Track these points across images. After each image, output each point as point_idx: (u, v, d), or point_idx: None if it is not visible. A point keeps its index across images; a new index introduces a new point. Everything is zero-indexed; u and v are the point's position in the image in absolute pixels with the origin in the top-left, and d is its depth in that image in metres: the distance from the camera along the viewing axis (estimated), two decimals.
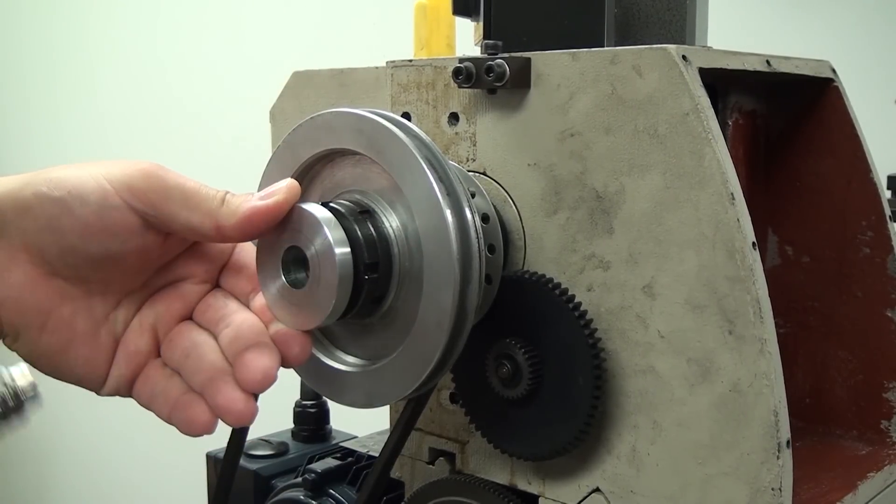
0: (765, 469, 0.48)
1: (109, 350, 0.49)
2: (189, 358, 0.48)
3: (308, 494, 0.74)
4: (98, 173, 0.46)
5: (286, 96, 0.69)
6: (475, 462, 0.61)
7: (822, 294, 0.67)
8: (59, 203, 0.45)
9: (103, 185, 0.45)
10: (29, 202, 0.45)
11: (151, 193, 0.46)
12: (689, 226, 0.50)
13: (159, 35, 2.04)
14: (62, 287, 0.47)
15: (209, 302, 0.50)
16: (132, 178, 0.46)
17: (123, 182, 0.46)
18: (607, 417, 0.54)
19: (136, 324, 0.49)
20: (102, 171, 0.46)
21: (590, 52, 0.53)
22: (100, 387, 0.49)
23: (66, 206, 0.45)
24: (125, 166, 0.46)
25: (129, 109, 2.11)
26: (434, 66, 0.60)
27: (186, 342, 0.48)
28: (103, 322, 0.48)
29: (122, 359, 0.49)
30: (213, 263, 0.50)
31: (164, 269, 0.50)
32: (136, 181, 0.46)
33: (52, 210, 0.45)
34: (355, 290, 0.47)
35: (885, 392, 0.65)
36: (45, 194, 0.45)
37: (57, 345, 0.47)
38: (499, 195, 0.58)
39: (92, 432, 2.27)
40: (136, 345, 0.49)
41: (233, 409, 0.46)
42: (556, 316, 0.53)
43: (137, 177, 0.46)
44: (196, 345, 0.48)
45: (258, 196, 0.47)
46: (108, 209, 0.45)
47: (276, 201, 0.47)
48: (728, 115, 0.66)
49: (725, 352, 0.49)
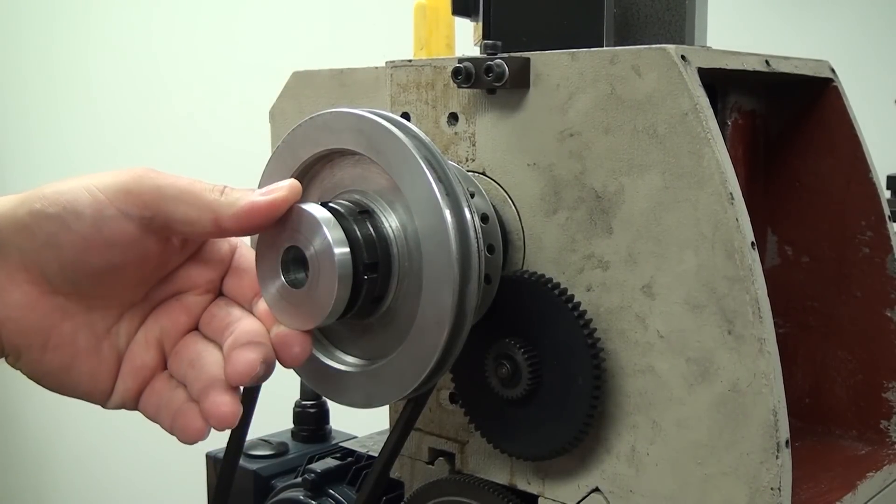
0: (764, 469, 0.48)
1: (113, 364, 0.48)
2: (192, 368, 0.48)
3: (308, 494, 0.74)
4: (90, 185, 0.46)
5: (286, 96, 0.69)
6: (475, 462, 0.61)
7: (822, 294, 0.67)
8: (55, 219, 0.45)
9: (97, 196, 0.45)
10: (25, 221, 0.45)
11: (146, 195, 0.46)
12: (688, 226, 0.50)
13: (158, 36, 2.04)
14: (62, 304, 0.47)
15: (213, 312, 0.50)
16: (125, 183, 0.46)
17: (116, 189, 0.45)
18: (606, 417, 0.54)
19: (142, 338, 0.49)
20: (94, 182, 0.46)
21: (589, 52, 0.53)
22: (105, 400, 0.49)
23: (62, 221, 0.45)
24: (116, 174, 0.46)
25: (128, 110, 2.11)
26: (433, 67, 0.60)
27: (191, 353, 0.49)
28: (105, 336, 0.48)
29: (127, 373, 0.49)
30: (215, 272, 0.50)
31: (166, 281, 0.50)
32: (129, 185, 0.46)
33: (49, 227, 0.45)
34: (355, 290, 0.47)
35: (884, 392, 0.65)
36: (40, 211, 0.45)
37: (60, 362, 0.47)
38: (498, 195, 0.58)
39: (92, 432, 2.27)
40: (143, 359, 0.49)
41: (215, 412, 0.46)
42: (556, 316, 0.53)
43: (129, 181, 0.46)
44: (200, 355, 0.48)
45: (259, 192, 0.47)
46: (104, 220, 0.45)
47: (276, 198, 0.47)
48: (727, 114, 0.66)
49: (725, 352, 0.49)
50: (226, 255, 0.51)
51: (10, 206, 0.45)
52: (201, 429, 0.47)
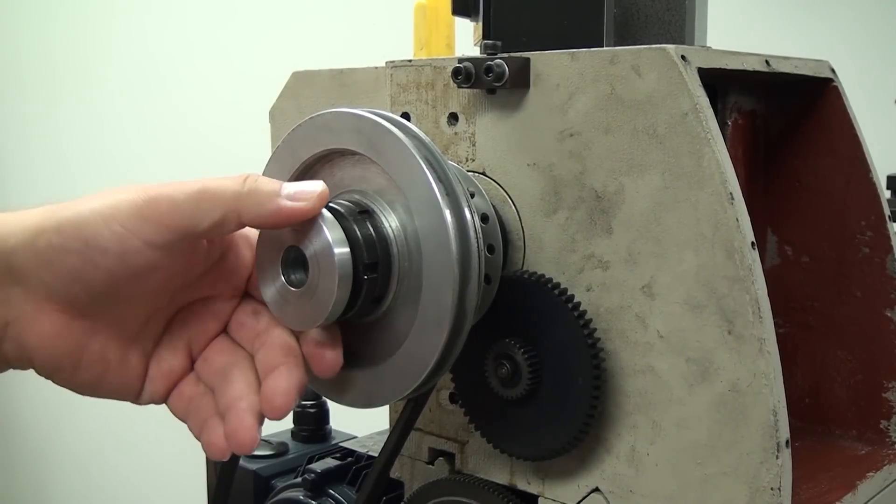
0: (764, 469, 0.48)
1: (141, 368, 0.49)
2: (221, 379, 0.48)
3: (308, 494, 0.74)
4: (108, 216, 0.44)
5: (285, 96, 0.69)
6: (474, 462, 0.61)
7: (822, 294, 0.67)
8: (78, 255, 0.44)
9: (118, 230, 0.44)
10: (48, 255, 0.44)
11: (165, 219, 0.44)
12: (688, 226, 0.50)
13: (158, 36, 2.04)
14: (91, 325, 0.46)
15: (242, 320, 0.50)
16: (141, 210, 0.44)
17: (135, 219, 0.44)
18: (606, 417, 0.54)
19: (168, 342, 0.49)
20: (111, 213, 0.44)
21: (589, 52, 0.53)
22: (136, 399, 0.49)
23: (86, 258, 0.44)
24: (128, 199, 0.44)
25: (127, 111, 2.11)
26: (433, 67, 0.60)
27: (221, 362, 0.49)
28: (132, 344, 0.48)
29: (156, 376, 0.49)
30: (240, 276, 0.50)
31: (191, 286, 0.49)
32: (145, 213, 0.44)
33: (73, 263, 0.44)
34: (355, 290, 0.47)
35: (884, 392, 0.65)
36: (61, 247, 0.44)
37: (91, 377, 0.47)
38: (498, 195, 0.58)
39: (92, 433, 2.27)
40: (170, 364, 0.49)
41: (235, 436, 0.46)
42: (556, 316, 0.53)
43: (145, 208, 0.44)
44: (230, 366, 0.49)
45: (287, 192, 0.46)
46: (129, 255, 0.44)
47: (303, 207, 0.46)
48: (727, 115, 0.66)
49: (724, 352, 0.49)
50: (249, 259, 0.50)
51: (25, 235, 0.44)
52: (224, 449, 0.47)
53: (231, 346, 0.50)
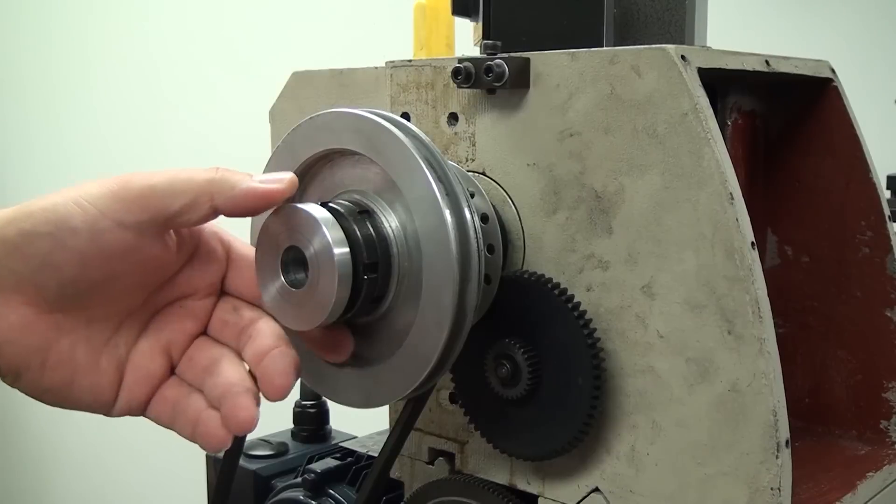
0: (764, 469, 0.48)
1: (113, 375, 0.48)
2: (209, 374, 0.48)
3: (308, 494, 0.74)
4: (78, 198, 0.44)
5: (286, 97, 0.69)
6: (474, 462, 0.61)
7: (822, 294, 0.67)
8: (48, 238, 0.44)
9: (88, 209, 0.44)
10: (15, 242, 0.44)
11: (138, 199, 0.45)
12: (688, 226, 0.50)
13: (158, 36, 2.04)
14: (60, 321, 0.46)
15: (224, 318, 0.50)
16: (114, 191, 0.45)
17: (107, 199, 0.45)
18: (606, 417, 0.54)
19: (145, 347, 0.49)
20: (82, 195, 0.45)
21: (589, 52, 0.53)
22: (108, 410, 0.48)
23: (56, 240, 0.44)
24: (101, 183, 0.45)
25: (127, 112, 2.11)
26: (433, 67, 0.60)
27: (206, 359, 0.49)
28: (103, 349, 0.48)
29: (133, 383, 0.48)
30: (214, 274, 0.50)
31: (165, 287, 0.49)
32: (118, 193, 0.45)
33: (43, 247, 0.44)
34: (354, 290, 0.47)
35: (884, 392, 0.65)
36: (31, 232, 0.44)
37: (60, 379, 0.46)
38: (498, 195, 0.58)
39: (92, 433, 2.27)
40: (148, 368, 0.48)
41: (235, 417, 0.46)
42: (556, 316, 0.53)
43: (118, 189, 0.45)
44: (216, 360, 0.48)
45: (258, 178, 0.47)
46: (100, 233, 0.44)
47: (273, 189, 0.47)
48: (727, 115, 0.66)
49: (724, 351, 0.49)
50: (222, 255, 0.50)
51: None
52: (224, 438, 0.47)
53: (214, 344, 0.49)
